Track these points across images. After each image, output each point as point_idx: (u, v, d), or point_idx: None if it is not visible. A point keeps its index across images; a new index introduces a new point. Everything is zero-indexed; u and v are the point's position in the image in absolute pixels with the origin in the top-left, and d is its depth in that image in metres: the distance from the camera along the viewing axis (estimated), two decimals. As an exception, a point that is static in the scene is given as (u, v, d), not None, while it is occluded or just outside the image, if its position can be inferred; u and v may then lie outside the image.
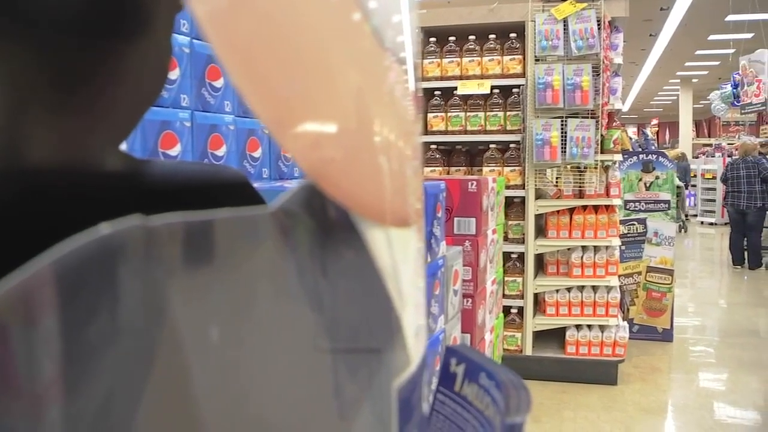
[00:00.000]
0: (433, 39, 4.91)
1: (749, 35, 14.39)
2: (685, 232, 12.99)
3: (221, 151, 1.70)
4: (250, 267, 0.29)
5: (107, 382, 0.22)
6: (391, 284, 0.38)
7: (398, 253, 0.38)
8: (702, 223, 16.68)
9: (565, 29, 4.55)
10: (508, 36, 4.76)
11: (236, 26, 0.28)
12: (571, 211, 4.72)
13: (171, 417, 0.25)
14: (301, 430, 0.33)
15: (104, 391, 0.22)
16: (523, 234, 4.73)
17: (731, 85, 15.12)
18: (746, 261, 9.83)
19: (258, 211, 0.30)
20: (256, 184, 0.47)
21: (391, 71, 0.39)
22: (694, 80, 24.44)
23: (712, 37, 16.22)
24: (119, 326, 0.22)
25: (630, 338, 5.15)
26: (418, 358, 0.43)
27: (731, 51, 14.98)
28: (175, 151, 1.69)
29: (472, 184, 1.99)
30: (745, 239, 9.77)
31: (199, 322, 0.26)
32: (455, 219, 2.01)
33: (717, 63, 20.05)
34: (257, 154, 1.83)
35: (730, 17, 13.16)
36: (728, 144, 17.81)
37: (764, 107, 13.02)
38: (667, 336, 5.98)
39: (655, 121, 28.27)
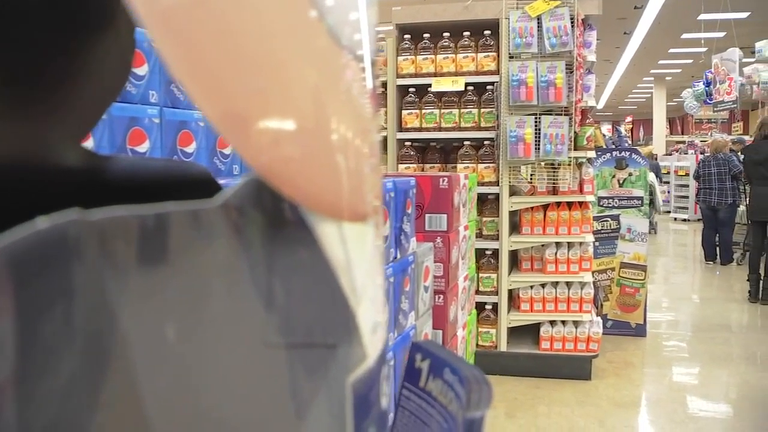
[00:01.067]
0: (407, 36, 4.91)
1: (721, 34, 14.56)
2: (655, 233, 13.12)
3: (191, 148, 1.69)
4: (197, 261, 0.29)
5: (47, 383, 0.22)
6: (345, 280, 0.37)
7: (353, 249, 0.38)
8: (675, 219, 16.88)
9: (538, 27, 4.57)
10: (483, 33, 4.77)
11: (180, 20, 0.28)
12: (545, 207, 4.75)
13: (120, 417, 0.24)
14: (254, 426, 0.33)
15: (43, 392, 0.22)
16: (498, 230, 4.76)
17: (704, 83, 15.30)
18: (718, 257, 9.96)
19: (204, 205, 0.30)
20: (223, 181, 0.47)
21: (348, 69, 0.39)
22: (668, 78, 24.70)
23: (685, 36, 16.41)
24: (56, 321, 0.22)
25: (604, 333, 5.20)
26: (376, 354, 0.43)
27: (704, 49, 15.13)
28: (144, 147, 1.67)
29: (443, 180, 2.00)
30: (717, 235, 9.91)
31: (144, 318, 0.26)
32: (426, 215, 2.01)
33: (690, 61, 20.28)
34: (228, 151, 1.82)
35: (703, 16, 13.31)
36: (701, 141, 18.02)
37: (736, 105, 13.21)
38: (640, 331, 6.04)
39: (629, 119, 28.52)
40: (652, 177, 8.42)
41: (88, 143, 1.26)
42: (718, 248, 9.94)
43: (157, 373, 0.26)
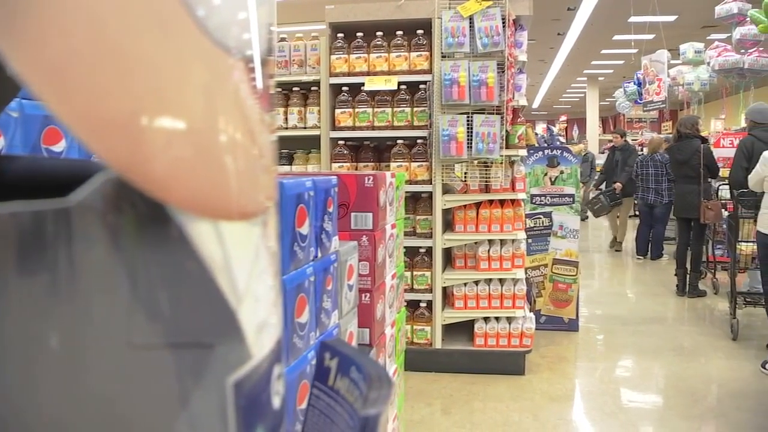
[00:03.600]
0: (340, 35, 4.90)
1: (650, 36, 14.97)
2: (586, 219, 13.70)
3: (59, 147, 1.65)
4: (52, 261, 0.28)
5: None
6: (223, 279, 0.37)
7: (233, 249, 0.37)
8: (609, 216, 17.24)
9: (470, 27, 4.62)
10: (415, 32, 4.79)
11: (35, 28, 0.27)
12: (478, 205, 4.80)
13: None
14: (126, 426, 0.32)
15: None
16: (431, 228, 4.79)
17: (635, 83, 15.71)
18: (649, 252, 10.27)
19: (56, 205, 0.29)
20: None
21: (235, 69, 0.38)
22: (601, 78, 25.28)
23: (616, 37, 16.82)
24: None
25: (537, 329, 5.29)
26: (263, 353, 0.42)
27: (634, 51, 15.54)
28: (60, 147, 1.62)
29: (368, 179, 2.00)
30: (651, 232, 10.23)
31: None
32: (352, 214, 2.01)
33: (621, 62, 20.80)
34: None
35: (633, 18, 13.65)
36: (632, 140, 18.46)
37: (665, 105, 13.60)
38: (573, 326, 6.16)
39: (564, 118, 29.08)
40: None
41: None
42: (650, 244, 10.25)
43: (17, 374, 0.25)
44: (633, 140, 17.40)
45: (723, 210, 7.37)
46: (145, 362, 0.33)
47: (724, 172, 7.70)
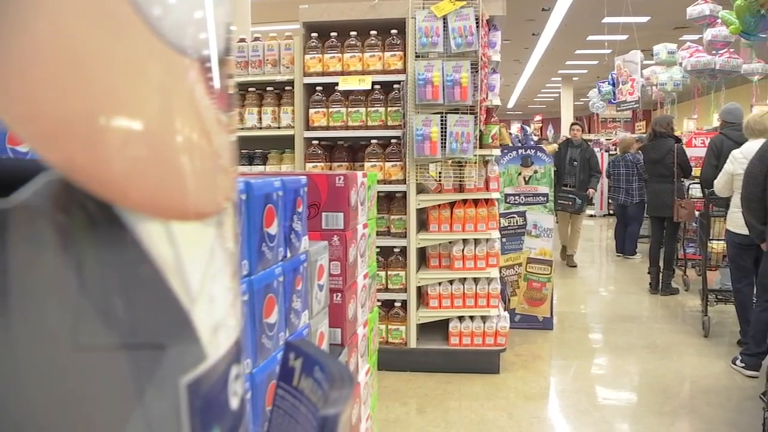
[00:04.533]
0: (314, 34, 4.89)
1: (624, 37, 15.13)
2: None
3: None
4: None
5: None
6: (175, 279, 0.36)
7: (185, 248, 0.37)
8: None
9: (444, 27, 4.63)
10: (389, 32, 4.80)
11: None
12: (452, 205, 4.81)
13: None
14: (74, 428, 0.32)
15: None
16: (406, 228, 4.79)
17: (609, 83, 15.85)
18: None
19: None
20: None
21: (190, 70, 0.37)
22: (575, 78, 25.49)
23: (590, 38, 16.97)
24: None
25: (512, 328, 5.32)
26: (219, 354, 0.42)
27: (608, 51, 15.68)
28: (26, 147, 1.61)
29: (339, 179, 1.99)
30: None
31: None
32: (323, 214, 2.00)
33: (595, 62, 20.98)
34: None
35: (606, 19, 13.78)
36: (606, 140, 18.64)
37: (638, 105, 13.74)
38: (547, 324, 6.20)
39: (538, 117, 29.28)
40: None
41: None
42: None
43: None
44: (607, 140, 17.56)
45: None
46: (94, 363, 0.32)
47: (696, 171, 7.79)
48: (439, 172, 4.86)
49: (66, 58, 0.30)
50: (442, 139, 4.60)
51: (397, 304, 4.82)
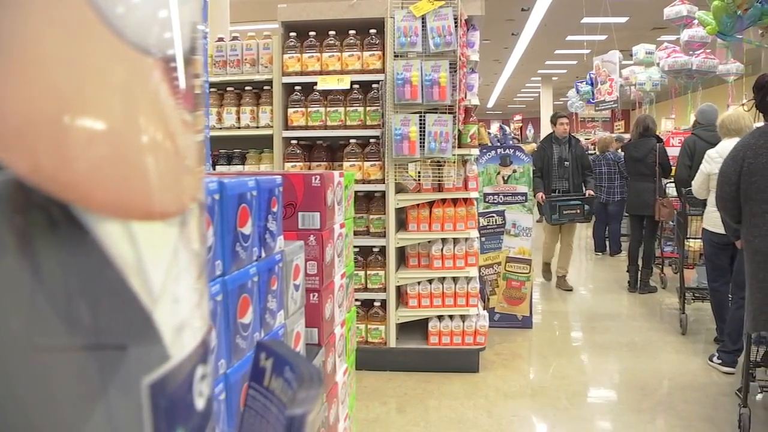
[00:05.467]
0: (293, 34, 4.88)
1: (602, 37, 15.22)
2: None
3: None
4: None
5: None
6: (136, 280, 0.36)
7: (146, 248, 0.37)
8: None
9: (423, 26, 4.64)
10: (368, 32, 4.79)
11: None
12: (431, 204, 4.82)
13: None
14: (34, 428, 0.31)
15: None
16: (385, 228, 4.79)
17: (587, 83, 15.94)
18: (607, 248, 10.48)
19: None
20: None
21: (154, 70, 0.37)
22: (554, 78, 25.63)
23: (569, 38, 17.07)
24: None
25: (491, 327, 5.33)
26: (183, 354, 0.41)
27: (587, 51, 15.78)
28: None
29: (315, 178, 1.99)
30: (607, 228, 10.42)
31: None
32: (300, 214, 2.00)
33: (575, 62, 21.12)
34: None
35: (585, 19, 13.88)
36: (585, 139, 18.74)
37: (616, 105, 13.83)
38: (526, 323, 6.22)
39: (518, 117, 29.38)
40: None
41: None
42: (607, 240, 10.46)
43: None
44: (586, 139, 17.67)
45: (671, 207, 7.52)
46: (55, 364, 0.32)
47: (675, 170, 7.86)
48: (418, 172, 4.87)
49: (26, 60, 0.30)
50: (420, 139, 4.60)
51: (377, 304, 4.82)
